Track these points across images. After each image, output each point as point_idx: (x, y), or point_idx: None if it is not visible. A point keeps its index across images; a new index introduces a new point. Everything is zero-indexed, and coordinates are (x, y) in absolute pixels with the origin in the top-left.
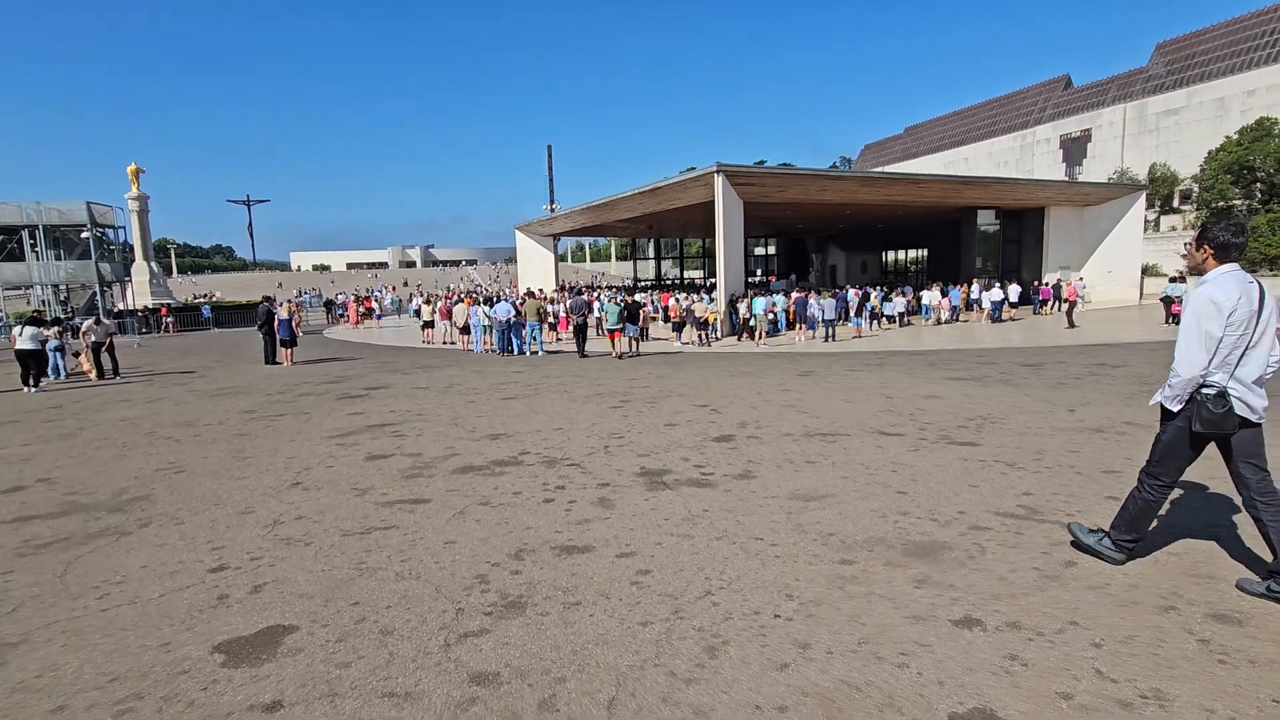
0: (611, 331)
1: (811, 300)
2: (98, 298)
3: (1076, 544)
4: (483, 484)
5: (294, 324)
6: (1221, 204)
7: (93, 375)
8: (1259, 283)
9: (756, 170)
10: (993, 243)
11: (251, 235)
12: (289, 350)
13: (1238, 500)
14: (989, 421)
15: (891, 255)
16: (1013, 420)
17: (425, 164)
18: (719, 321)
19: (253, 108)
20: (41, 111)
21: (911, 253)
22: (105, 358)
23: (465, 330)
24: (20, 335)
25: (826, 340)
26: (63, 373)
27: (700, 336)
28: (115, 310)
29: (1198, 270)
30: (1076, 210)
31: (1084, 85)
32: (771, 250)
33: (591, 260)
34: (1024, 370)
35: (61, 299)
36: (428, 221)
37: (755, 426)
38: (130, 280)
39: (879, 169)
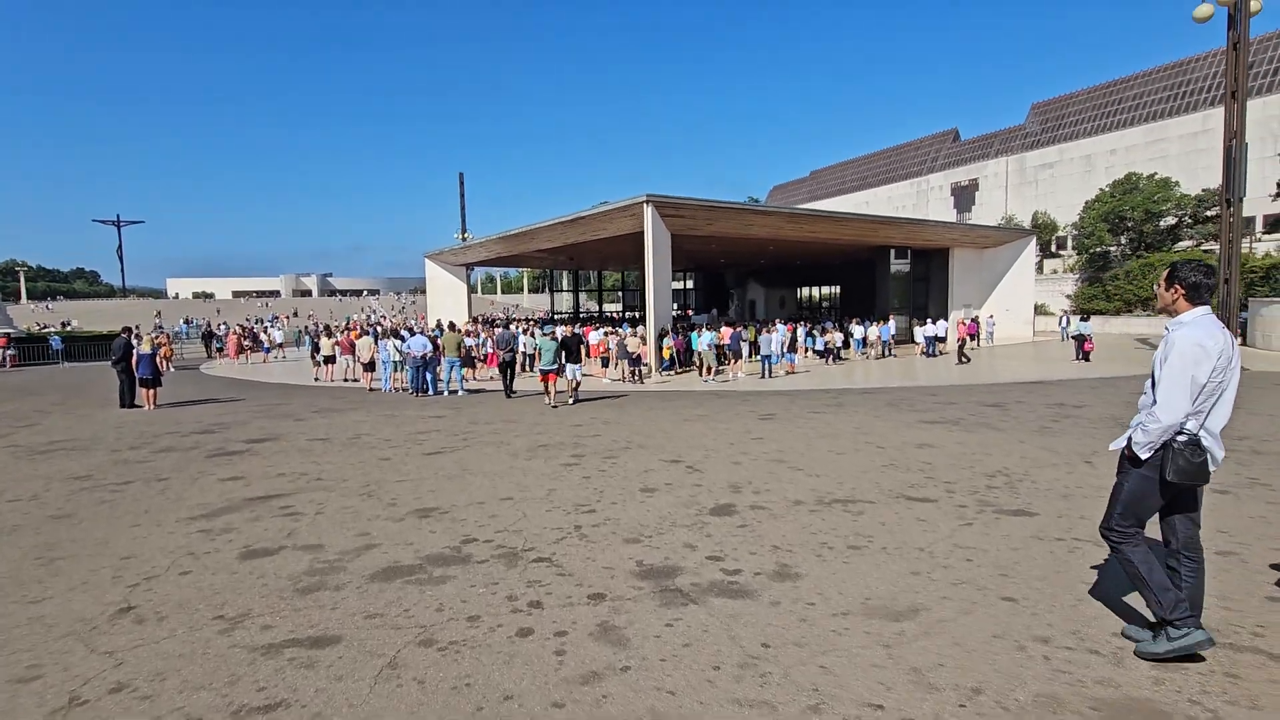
0: (546, 373)
1: (771, 334)
2: None
3: (1149, 657)
4: (418, 600)
5: (158, 359)
6: (1099, 248)
7: None
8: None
9: (686, 201)
10: (903, 281)
11: (121, 259)
12: (151, 391)
13: None
14: (1015, 479)
15: (806, 291)
16: (1039, 477)
17: (323, 192)
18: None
19: (124, 121)
20: None
21: (825, 289)
22: None
23: (369, 367)
24: None
25: (764, 377)
26: None
27: (632, 373)
28: None
29: (1167, 310)
30: (977, 252)
31: (970, 139)
32: (690, 285)
33: (503, 292)
34: (991, 411)
35: None
36: (324, 250)
37: (753, 491)
38: None
39: (803, 206)
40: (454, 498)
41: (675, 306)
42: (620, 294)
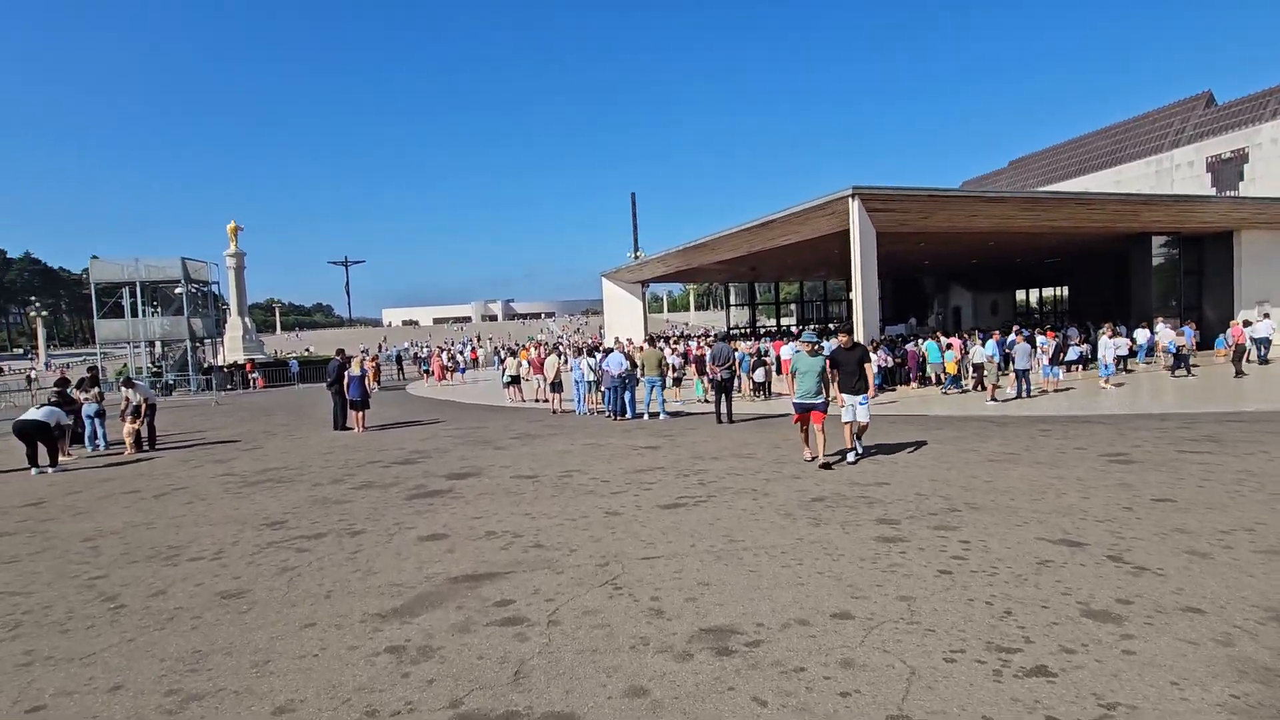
0: (807, 409)
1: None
2: (189, 354)
3: None
4: None
5: (366, 381)
6: None
7: (128, 447)
8: None
9: (900, 192)
10: (1166, 275)
11: (348, 294)
12: (360, 414)
13: None
14: None
15: (1023, 294)
16: None
17: (497, 221)
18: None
19: (339, 169)
20: (148, 166)
21: (1049, 291)
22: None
23: (556, 387)
24: (37, 408)
25: (1020, 396)
26: (101, 443)
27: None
28: (205, 366)
29: None
30: (1274, 235)
31: (1232, 101)
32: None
33: (669, 310)
34: None
35: (157, 356)
36: (505, 277)
37: None
38: (223, 336)
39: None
40: (749, 603)
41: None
42: (795, 306)
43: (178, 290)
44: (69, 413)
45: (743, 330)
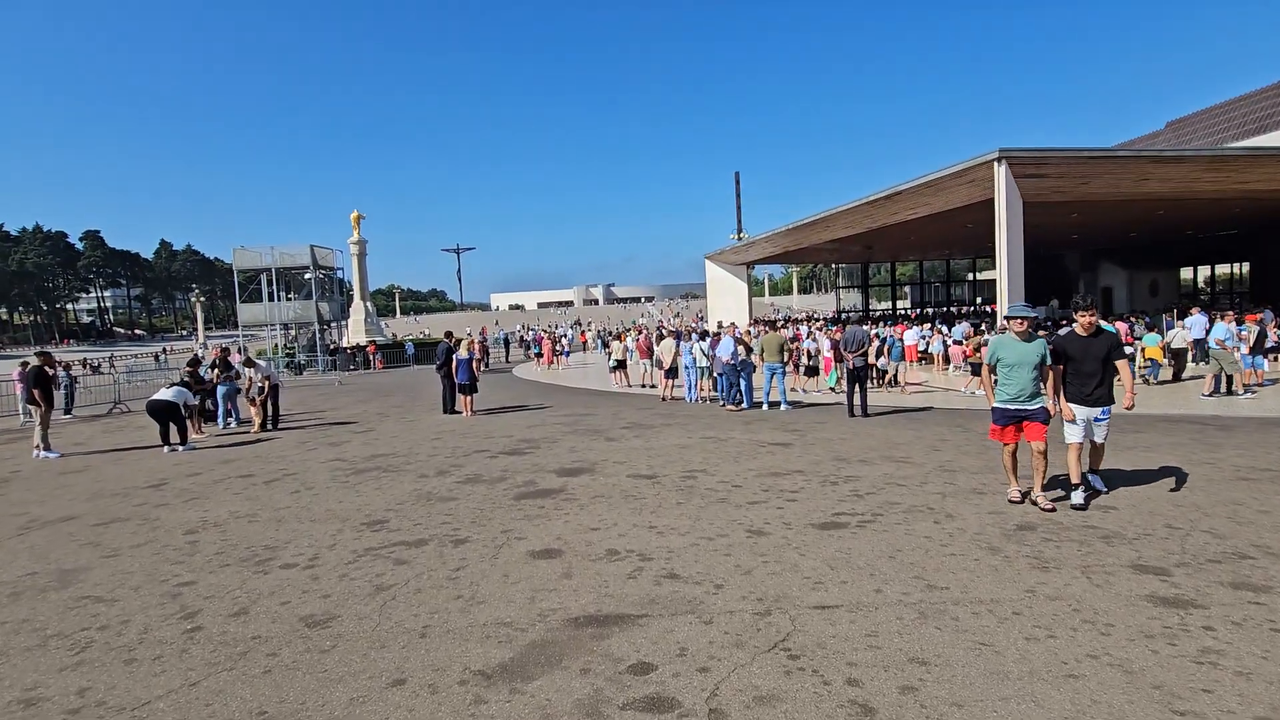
0: (1019, 418)
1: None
2: (317, 336)
3: None
4: None
5: (474, 364)
6: None
7: (256, 425)
8: None
9: (1055, 154)
10: None
11: (460, 280)
12: (468, 398)
13: None
14: None
15: (1187, 272)
16: None
17: (595, 207)
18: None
19: (452, 158)
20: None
21: (1223, 268)
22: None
23: (671, 373)
24: (166, 388)
25: (1219, 391)
26: (234, 421)
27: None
28: (332, 347)
29: None
30: None
31: None
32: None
33: (770, 293)
34: None
35: (290, 338)
36: (604, 262)
37: None
38: (348, 319)
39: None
40: (1002, 705)
41: (978, 300)
42: (909, 288)
43: (307, 276)
44: (196, 393)
45: (848, 314)
